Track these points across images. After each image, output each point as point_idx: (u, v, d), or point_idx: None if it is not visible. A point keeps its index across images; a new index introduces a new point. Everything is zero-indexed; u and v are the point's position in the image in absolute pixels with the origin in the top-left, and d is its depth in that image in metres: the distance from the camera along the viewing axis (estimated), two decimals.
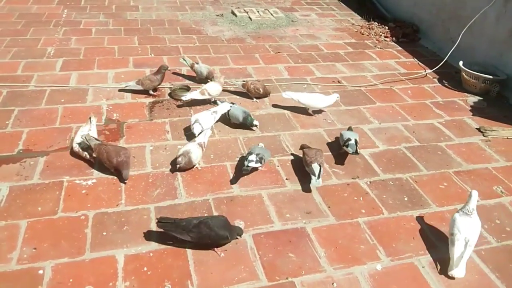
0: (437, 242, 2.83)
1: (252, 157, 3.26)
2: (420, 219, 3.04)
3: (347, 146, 3.51)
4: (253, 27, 6.68)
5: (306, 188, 3.25)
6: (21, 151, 3.44)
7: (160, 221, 2.64)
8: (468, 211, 2.67)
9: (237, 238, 2.71)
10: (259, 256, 2.64)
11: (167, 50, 5.55)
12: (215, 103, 4.09)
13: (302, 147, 3.49)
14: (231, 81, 4.57)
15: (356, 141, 3.52)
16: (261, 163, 3.29)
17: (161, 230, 2.66)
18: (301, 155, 3.45)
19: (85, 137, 3.31)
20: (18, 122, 3.79)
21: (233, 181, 3.26)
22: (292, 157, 3.58)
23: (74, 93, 4.34)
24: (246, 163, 3.25)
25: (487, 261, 2.72)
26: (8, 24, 6.03)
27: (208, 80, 4.55)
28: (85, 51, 5.35)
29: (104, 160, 3.17)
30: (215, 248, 2.64)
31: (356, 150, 3.46)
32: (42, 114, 3.94)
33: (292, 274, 2.54)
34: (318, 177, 3.16)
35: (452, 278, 2.58)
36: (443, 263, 2.66)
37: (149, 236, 2.72)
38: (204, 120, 3.66)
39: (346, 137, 3.56)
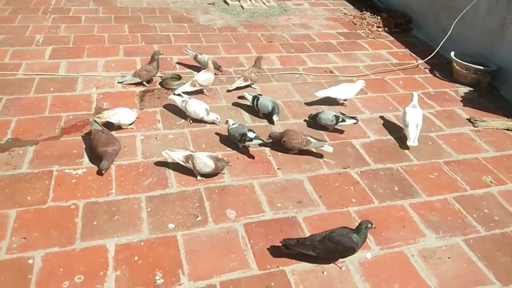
0: (426, 231, 2.86)
1: (251, 134, 3.38)
2: (410, 208, 3.06)
3: (343, 121, 3.72)
4: (245, 16, 6.63)
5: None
6: (9, 140, 3.40)
7: (284, 244, 2.53)
8: (414, 106, 3.84)
9: (368, 228, 2.52)
10: (250, 245, 2.65)
11: (158, 39, 5.49)
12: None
13: (274, 137, 3.50)
14: (231, 87, 4.35)
15: (342, 113, 3.81)
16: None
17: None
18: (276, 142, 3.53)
19: (92, 119, 3.36)
20: (6, 111, 3.74)
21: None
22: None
23: (64, 82, 4.28)
24: (253, 140, 3.37)
25: (475, 249, 2.76)
26: None
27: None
28: (74, 39, 5.27)
29: (93, 146, 3.16)
30: (336, 262, 2.58)
31: (354, 117, 3.79)
32: (30, 103, 3.89)
33: (283, 262, 2.55)
34: (325, 143, 3.47)
35: (408, 148, 3.69)
36: (430, 251, 2.71)
37: (140, 225, 2.71)
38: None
39: (333, 116, 3.74)
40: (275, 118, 3.84)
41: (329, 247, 2.47)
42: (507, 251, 2.77)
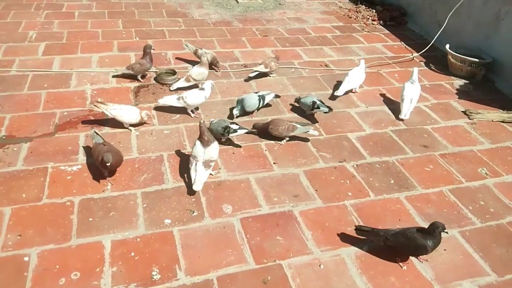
0: (422, 224, 2.87)
1: (234, 125, 3.41)
2: (406, 201, 3.07)
3: (318, 108, 3.73)
4: (240, 10, 6.60)
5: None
6: (3, 137, 3.37)
7: (359, 229, 2.67)
8: (412, 81, 4.12)
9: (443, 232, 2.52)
10: (246, 240, 2.65)
11: (152, 34, 5.46)
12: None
13: (259, 127, 3.57)
14: (252, 71, 4.46)
15: (321, 101, 3.81)
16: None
17: (146, 214, 2.64)
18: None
19: (92, 132, 3.22)
20: (0, 108, 3.71)
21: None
22: (281, 142, 3.57)
23: (58, 78, 4.25)
24: (237, 131, 3.39)
25: (471, 241, 2.77)
26: None
27: (212, 66, 4.54)
28: (68, 35, 5.23)
29: (95, 158, 3.00)
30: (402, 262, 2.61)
31: (328, 107, 3.76)
32: (24, 100, 3.86)
33: (280, 256, 2.55)
34: (310, 127, 3.52)
35: (402, 119, 4.00)
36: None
37: (136, 221, 2.71)
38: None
39: (310, 102, 3.76)
40: (234, 112, 3.80)
41: (400, 242, 2.52)
42: (502, 243, 2.78)
